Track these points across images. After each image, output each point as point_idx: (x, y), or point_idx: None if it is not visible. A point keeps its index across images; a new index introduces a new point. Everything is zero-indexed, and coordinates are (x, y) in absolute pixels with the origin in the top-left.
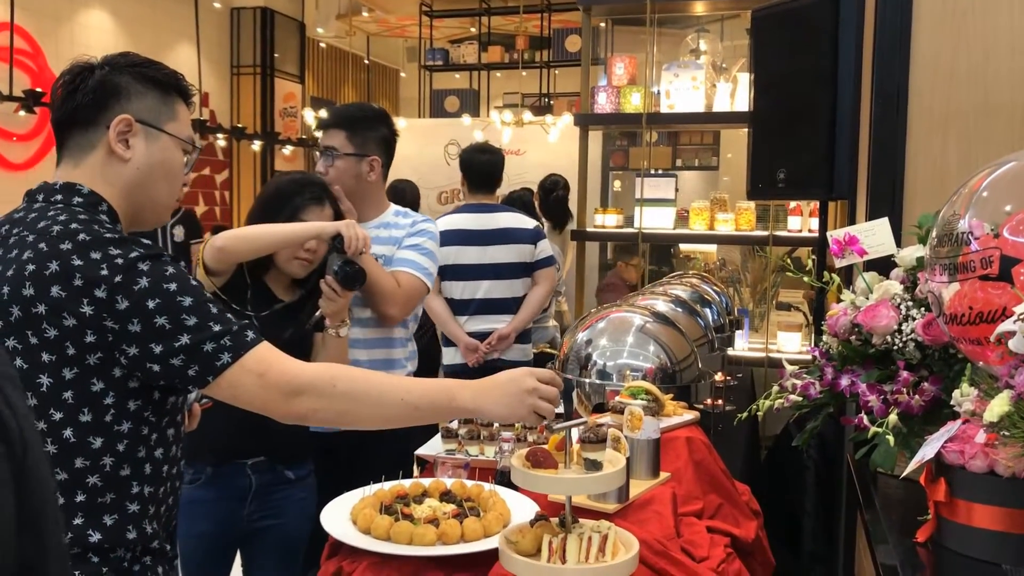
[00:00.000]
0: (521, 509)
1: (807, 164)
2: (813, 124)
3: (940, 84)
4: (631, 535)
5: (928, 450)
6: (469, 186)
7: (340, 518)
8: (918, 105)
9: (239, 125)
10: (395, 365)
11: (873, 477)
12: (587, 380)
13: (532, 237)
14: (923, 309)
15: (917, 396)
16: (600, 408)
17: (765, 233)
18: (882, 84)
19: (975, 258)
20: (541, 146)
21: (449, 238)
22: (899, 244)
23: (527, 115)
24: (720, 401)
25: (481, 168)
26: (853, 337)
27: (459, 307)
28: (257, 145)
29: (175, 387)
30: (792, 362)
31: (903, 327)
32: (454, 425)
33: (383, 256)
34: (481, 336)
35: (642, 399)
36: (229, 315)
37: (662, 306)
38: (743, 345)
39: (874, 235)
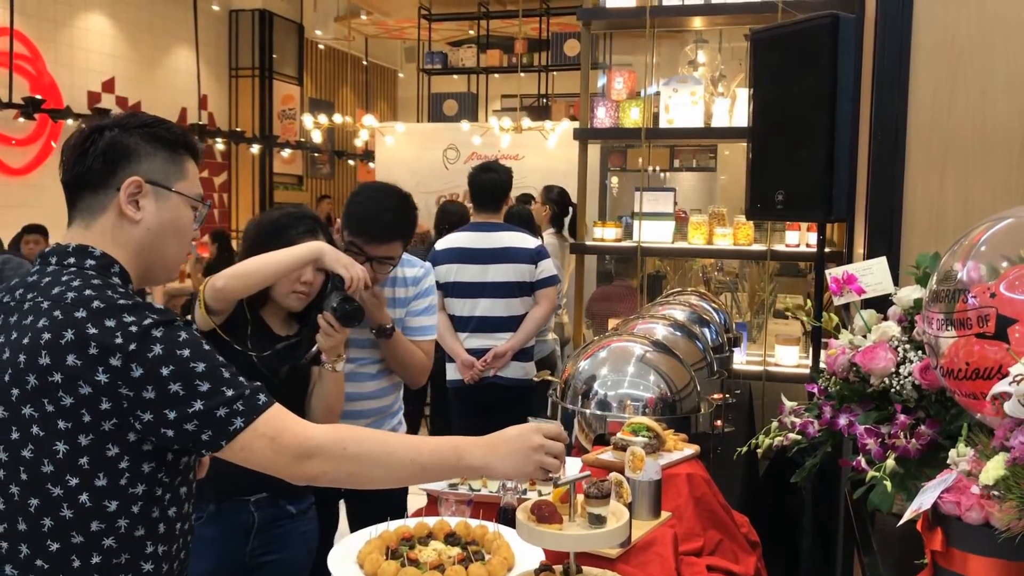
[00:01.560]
0: (525, 552)
1: (805, 186)
2: (812, 146)
3: (938, 119)
4: None
5: (925, 500)
6: (474, 204)
7: (347, 561)
8: (916, 139)
9: (237, 129)
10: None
11: (871, 515)
12: (588, 411)
13: (533, 257)
14: (920, 352)
15: (914, 440)
16: (601, 439)
17: (763, 248)
18: (881, 117)
19: (972, 315)
20: (540, 151)
21: (450, 256)
22: (896, 278)
23: (525, 121)
24: (719, 422)
25: (484, 186)
26: (851, 375)
27: (459, 324)
28: (256, 148)
29: (188, 450)
30: (790, 377)
31: (901, 369)
32: None
33: (394, 319)
34: (480, 353)
35: (644, 435)
36: (241, 378)
37: (661, 331)
38: (741, 359)
39: (872, 274)
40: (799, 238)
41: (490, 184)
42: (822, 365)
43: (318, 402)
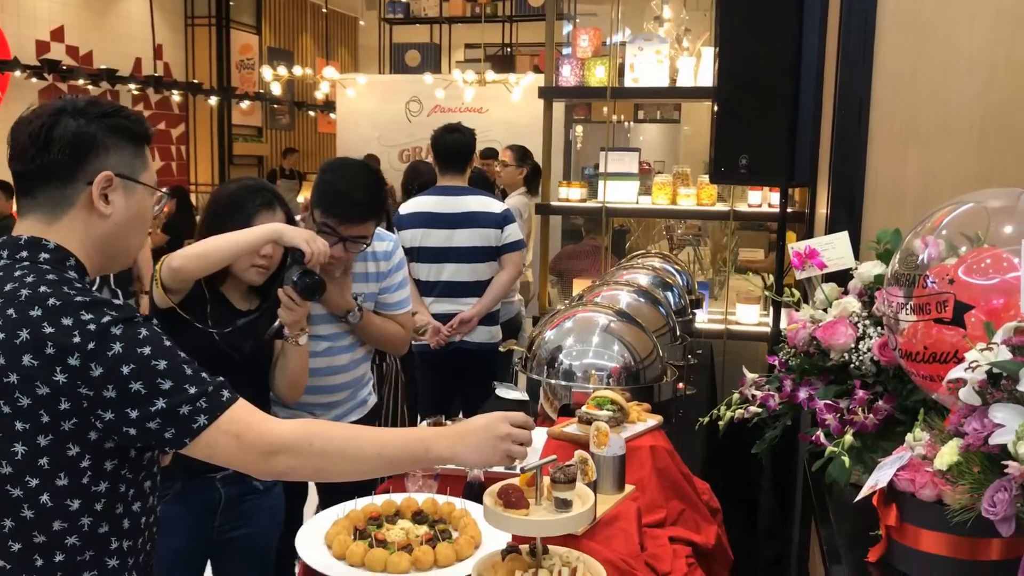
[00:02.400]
0: (492, 529)
1: (769, 151)
2: (776, 112)
3: (901, 97)
4: (598, 565)
5: (881, 477)
6: (438, 167)
7: (315, 542)
8: (879, 117)
9: (195, 81)
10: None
11: (828, 485)
12: (553, 381)
13: (499, 221)
14: (880, 328)
15: (871, 415)
16: (567, 409)
17: (726, 208)
18: (845, 94)
19: (931, 301)
20: (504, 105)
21: (415, 220)
22: (857, 253)
23: (489, 74)
24: (681, 385)
25: (449, 148)
26: (811, 348)
27: (425, 288)
28: (214, 100)
29: (151, 447)
30: (751, 335)
31: (860, 345)
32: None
33: (363, 295)
34: (445, 318)
35: (608, 409)
36: (204, 374)
37: (625, 297)
38: (703, 317)
39: (834, 249)
40: (761, 197)
41: (455, 145)
42: (783, 332)
43: (282, 376)
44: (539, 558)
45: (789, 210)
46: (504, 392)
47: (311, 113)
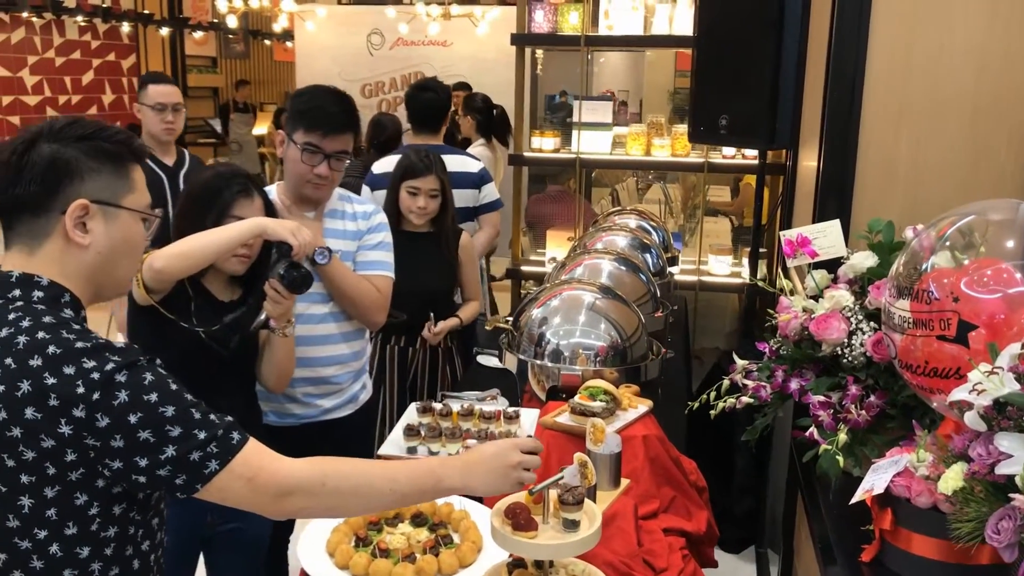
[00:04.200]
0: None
1: (749, 112)
2: (757, 72)
3: (895, 78)
4: (600, 573)
5: (877, 483)
6: (412, 125)
7: (317, 551)
8: (872, 98)
9: (145, 11)
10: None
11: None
12: (540, 362)
13: (476, 181)
14: (872, 323)
15: (864, 411)
16: (555, 391)
17: (701, 160)
18: (838, 75)
19: (934, 318)
20: (469, 38)
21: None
22: (846, 235)
23: (455, 7)
24: (663, 350)
25: (423, 107)
26: (802, 338)
27: None
28: (165, 31)
29: (161, 493)
30: (723, 287)
31: (853, 340)
32: (415, 422)
33: (340, 251)
34: None
35: (601, 400)
36: (213, 416)
37: (607, 266)
38: (676, 268)
39: (826, 237)
40: (735, 150)
41: (429, 104)
42: (775, 319)
43: (269, 367)
44: (545, 571)
45: (768, 161)
46: (485, 360)
47: (267, 42)
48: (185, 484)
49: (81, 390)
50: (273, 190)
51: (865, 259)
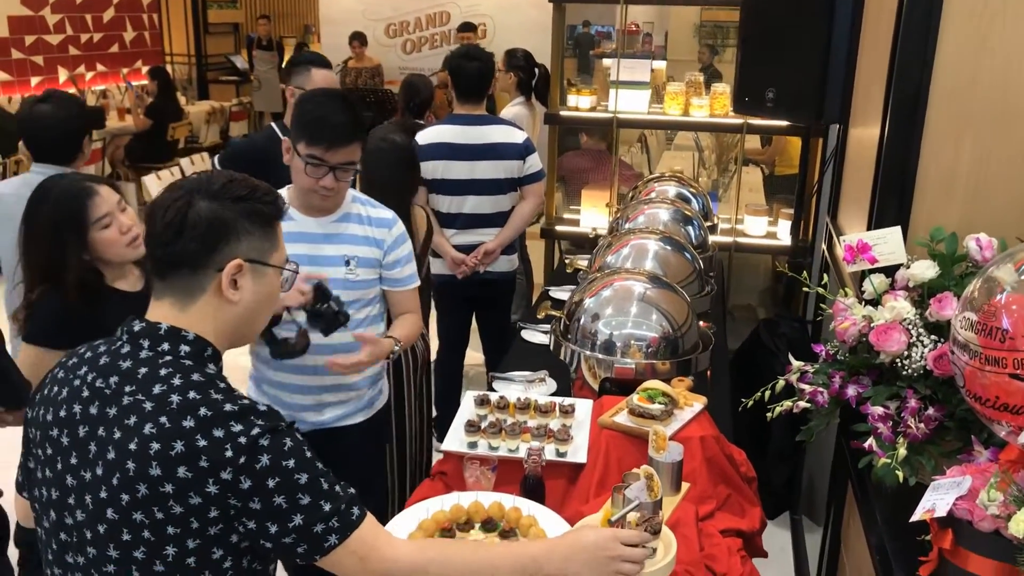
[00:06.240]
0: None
1: (797, 85)
2: (807, 43)
3: (961, 84)
4: None
5: (939, 505)
6: (457, 94)
7: None
8: (937, 103)
9: None
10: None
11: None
12: (590, 353)
13: (521, 152)
14: (934, 336)
15: (922, 424)
16: (607, 386)
17: (739, 121)
18: (904, 72)
19: (1007, 357)
20: None
21: (436, 152)
22: (904, 237)
23: None
24: (703, 324)
25: (469, 76)
26: (859, 345)
27: (446, 220)
28: None
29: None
30: (758, 248)
31: (912, 352)
32: (473, 415)
33: (357, 256)
34: (466, 249)
35: (660, 402)
36: (338, 488)
37: (653, 246)
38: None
39: (886, 243)
40: None
41: (475, 73)
42: (831, 327)
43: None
44: None
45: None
46: (529, 335)
47: None
48: (305, 553)
49: (229, 454)
50: (284, 193)
51: (926, 269)
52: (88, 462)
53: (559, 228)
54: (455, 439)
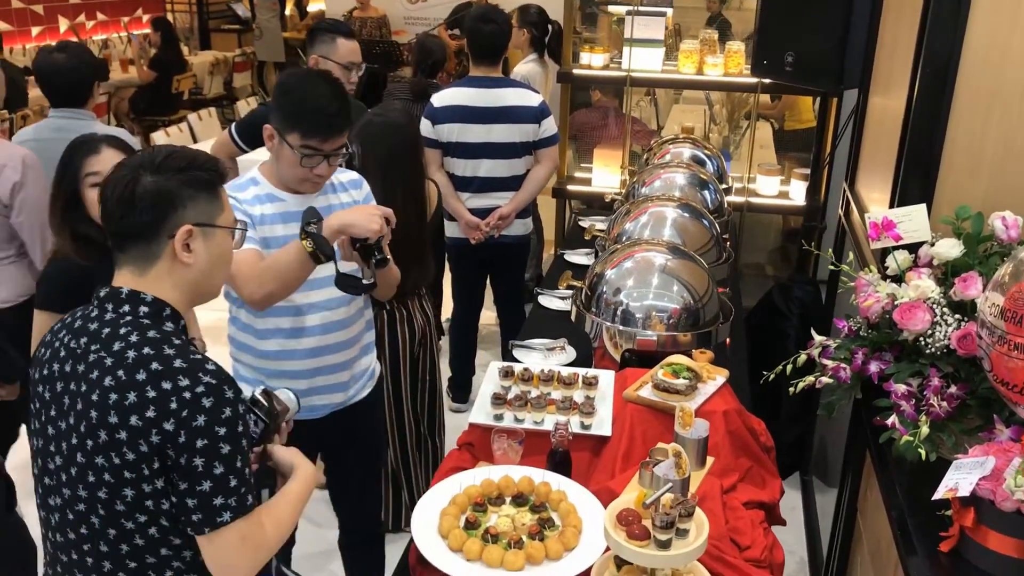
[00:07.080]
0: (588, 511)
1: (817, 50)
2: (831, 4)
3: (991, 60)
4: (704, 571)
5: (962, 484)
6: (472, 57)
7: (430, 534)
8: (965, 79)
9: None
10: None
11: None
12: (611, 324)
13: (536, 116)
14: (958, 316)
15: (944, 403)
16: (630, 358)
17: (753, 81)
18: (931, 53)
19: None
20: None
21: (452, 114)
22: (928, 212)
23: None
24: (720, 289)
25: (485, 39)
26: (883, 321)
27: (461, 183)
28: None
29: (176, 523)
30: (770, 209)
31: (936, 331)
32: (498, 388)
33: None
34: (481, 212)
35: (684, 376)
36: (247, 471)
37: (671, 213)
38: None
39: (911, 221)
40: None
41: (491, 36)
42: (853, 301)
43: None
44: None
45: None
46: (547, 301)
47: None
48: (198, 523)
49: (173, 406)
50: (259, 172)
51: (951, 248)
52: (63, 413)
53: (571, 188)
54: (481, 412)
